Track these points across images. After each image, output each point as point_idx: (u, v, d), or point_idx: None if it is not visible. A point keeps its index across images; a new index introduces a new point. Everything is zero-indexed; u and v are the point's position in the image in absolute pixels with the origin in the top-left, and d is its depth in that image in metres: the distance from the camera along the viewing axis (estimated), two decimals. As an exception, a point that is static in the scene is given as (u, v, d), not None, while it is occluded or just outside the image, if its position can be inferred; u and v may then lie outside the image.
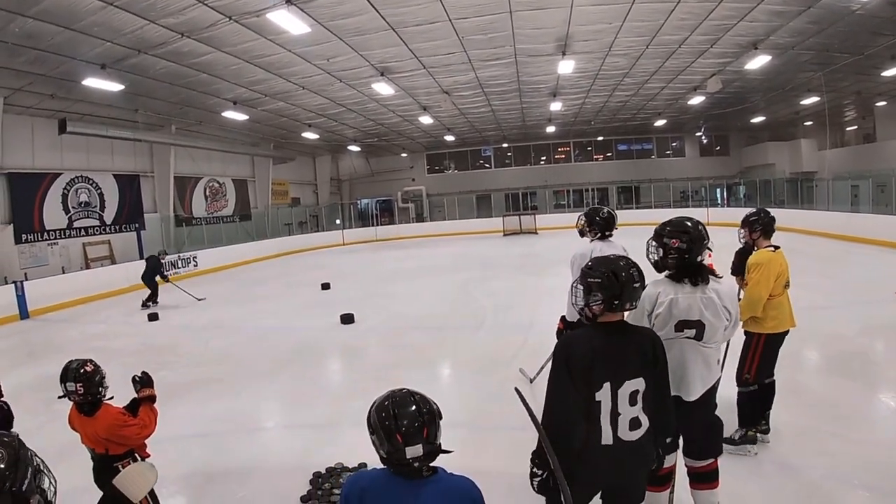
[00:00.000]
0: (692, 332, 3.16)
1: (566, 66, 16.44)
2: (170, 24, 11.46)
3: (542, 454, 2.60)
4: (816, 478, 4.18)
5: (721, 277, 3.26)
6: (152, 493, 3.57)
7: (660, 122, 29.99)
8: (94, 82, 13.94)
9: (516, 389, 2.24)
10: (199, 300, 9.41)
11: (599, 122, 29.34)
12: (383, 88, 18.08)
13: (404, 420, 1.87)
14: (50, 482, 1.66)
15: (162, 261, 15.20)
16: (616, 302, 2.57)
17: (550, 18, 13.08)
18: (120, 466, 3.42)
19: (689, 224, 3.19)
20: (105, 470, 3.46)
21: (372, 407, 1.99)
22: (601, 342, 2.59)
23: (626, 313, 2.86)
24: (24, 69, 13.24)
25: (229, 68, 15.01)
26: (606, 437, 2.56)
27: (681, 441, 3.42)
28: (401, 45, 14.25)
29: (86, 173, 19.45)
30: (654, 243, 3.26)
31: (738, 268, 4.70)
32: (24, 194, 17.21)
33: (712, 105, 25.18)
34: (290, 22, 11.56)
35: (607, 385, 2.52)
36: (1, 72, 13.26)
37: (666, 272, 3.27)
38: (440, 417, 1.94)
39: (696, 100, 23.33)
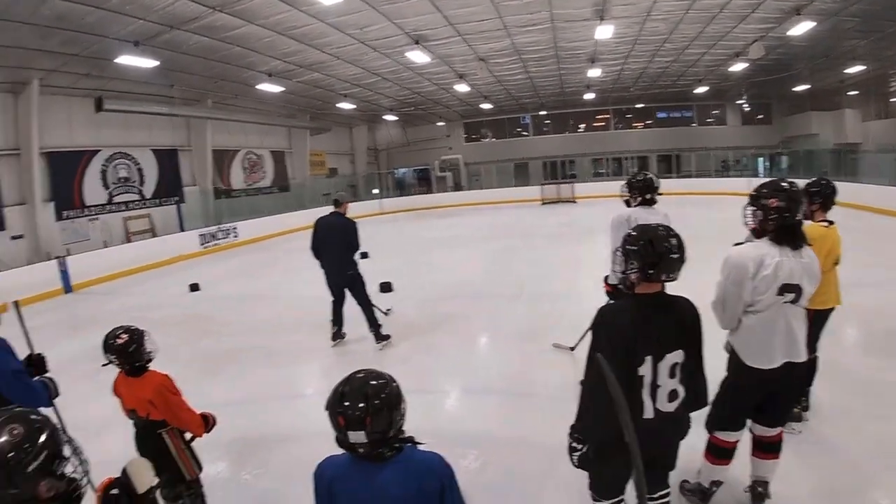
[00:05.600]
0: (791, 296, 3.12)
1: (604, 32, 15.95)
2: (202, -2, 11.44)
3: (581, 428, 2.63)
4: (856, 458, 4.08)
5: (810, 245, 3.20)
6: (196, 458, 3.66)
7: (701, 90, 28.98)
8: (128, 60, 14.02)
9: (598, 356, 2.18)
10: (386, 313, 8.68)
11: (639, 88, 28.52)
12: (418, 57, 17.76)
13: (350, 405, 1.88)
14: (76, 468, 1.66)
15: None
16: (651, 272, 2.51)
17: (588, -18, 12.72)
18: (164, 434, 3.51)
19: (783, 184, 3.14)
20: (148, 437, 3.55)
21: None
22: (641, 316, 2.57)
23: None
24: (57, 50, 13.35)
25: (262, 41, 14.94)
26: (648, 411, 2.57)
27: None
28: (435, 12, 14.01)
29: (124, 149, 19.67)
30: (751, 207, 3.22)
31: None
32: (63, 172, 17.53)
33: (754, 72, 24.23)
34: (321, -8, 11.45)
35: (649, 359, 2.53)
36: (34, 54, 13.39)
37: (766, 236, 3.19)
38: (396, 408, 1.93)
39: (738, 66, 22.38)
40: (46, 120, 16.46)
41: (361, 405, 1.87)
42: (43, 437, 1.59)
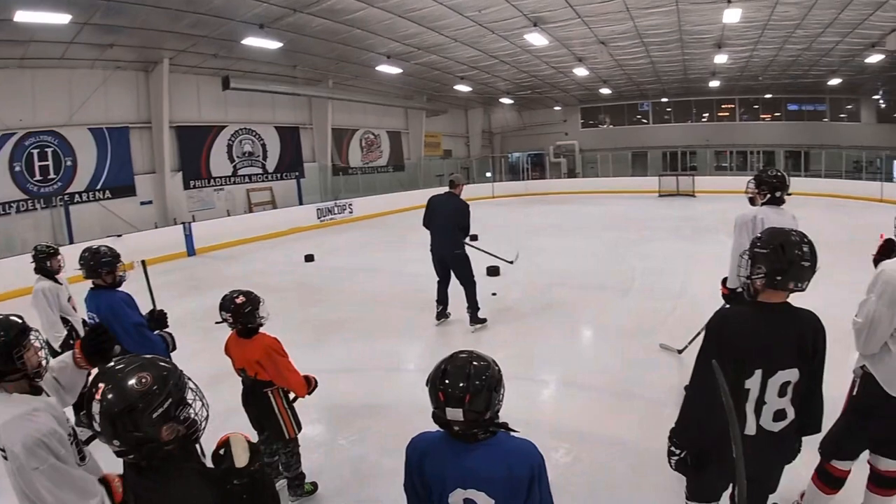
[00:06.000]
0: None
1: (732, 15, 15.00)
2: (323, -18, 11.78)
3: (681, 433, 2.56)
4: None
5: None
6: (296, 418, 3.87)
7: (834, 82, 26.61)
8: (253, 41, 14.85)
9: (714, 363, 2.08)
10: (510, 262, 9.05)
11: (768, 77, 26.56)
12: (536, 39, 17.49)
13: (451, 382, 1.90)
14: (196, 414, 1.76)
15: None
16: (778, 278, 2.35)
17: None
18: (269, 393, 3.74)
19: None
20: (254, 395, 3.81)
21: None
22: (759, 326, 2.41)
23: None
24: (186, 32, 14.23)
25: (382, 23, 15.22)
26: (750, 428, 2.44)
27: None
28: (554, -8, 13.73)
29: (249, 126, 20.88)
30: None
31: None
32: (191, 145, 18.87)
33: (892, 65, 21.92)
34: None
35: (758, 373, 2.38)
36: (165, 35, 14.30)
37: None
38: (495, 391, 1.93)
39: (874, 58, 20.43)
40: (176, 96, 17.74)
41: (462, 384, 1.88)
42: (169, 386, 1.66)
